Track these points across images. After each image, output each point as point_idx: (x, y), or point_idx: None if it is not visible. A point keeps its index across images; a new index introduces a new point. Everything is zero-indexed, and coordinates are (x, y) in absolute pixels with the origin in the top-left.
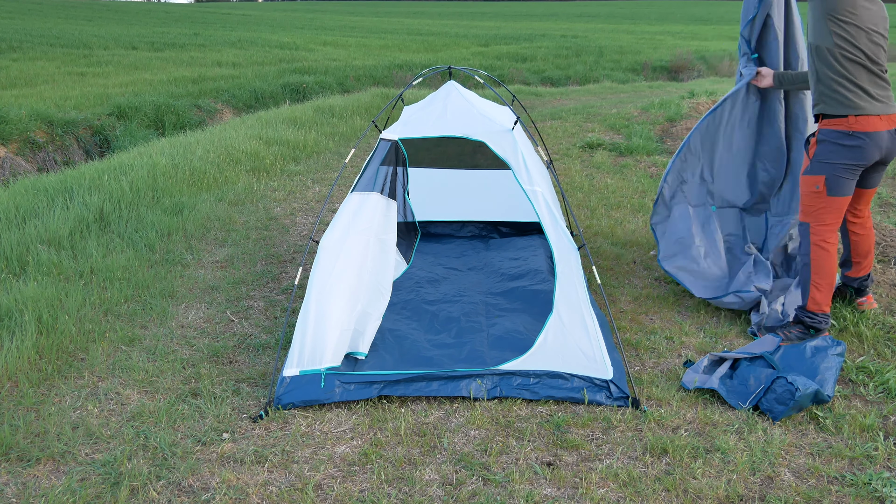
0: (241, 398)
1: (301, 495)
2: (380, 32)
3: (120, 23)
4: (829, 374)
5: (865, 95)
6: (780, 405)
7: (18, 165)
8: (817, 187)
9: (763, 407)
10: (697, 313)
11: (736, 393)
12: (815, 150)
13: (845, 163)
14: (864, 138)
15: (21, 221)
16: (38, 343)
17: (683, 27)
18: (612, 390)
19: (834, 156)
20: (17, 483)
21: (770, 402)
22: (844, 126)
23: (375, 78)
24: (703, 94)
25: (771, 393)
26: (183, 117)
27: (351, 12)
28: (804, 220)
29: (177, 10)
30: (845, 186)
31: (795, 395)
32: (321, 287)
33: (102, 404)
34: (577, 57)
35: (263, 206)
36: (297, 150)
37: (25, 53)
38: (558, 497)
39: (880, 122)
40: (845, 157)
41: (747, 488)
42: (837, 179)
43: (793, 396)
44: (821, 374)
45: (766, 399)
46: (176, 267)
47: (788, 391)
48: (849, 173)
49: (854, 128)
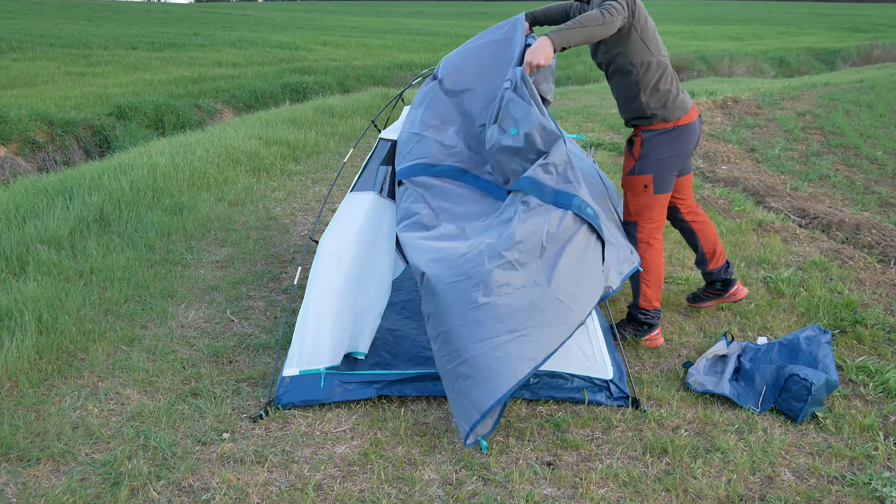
0: (241, 398)
1: (301, 495)
2: (380, 32)
3: (120, 23)
4: (829, 360)
5: (683, 90)
6: (799, 402)
7: (18, 165)
8: (645, 186)
9: (782, 408)
10: (697, 313)
11: (746, 395)
12: (639, 149)
13: (673, 154)
14: (686, 128)
15: (21, 221)
16: (38, 343)
17: (683, 27)
18: (613, 390)
19: (661, 152)
20: (17, 483)
21: (787, 402)
22: (671, 123)
23: (375, 78)
24: (703, 94)
25: (786, 392)
26: (183, 117)
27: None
28: (631, 219)
29: (177, 10)
30: (670, 181)
31: (812, 390)
32: (321, 287)
33: (102, 404)
34: (576, 57)
35: (263, 206)
36: (297, 150)
37: (25, 53)
38: (558, 497)
39: (693, 110)
40: (672, 150)
41: (747, 488)
42: (664, 175)
43: (809, 391)
44: (821, 361)
45: (783, 399)
46: (176, 267)
47: (804, 387)
48: (675, 166)
49: (678, 122)
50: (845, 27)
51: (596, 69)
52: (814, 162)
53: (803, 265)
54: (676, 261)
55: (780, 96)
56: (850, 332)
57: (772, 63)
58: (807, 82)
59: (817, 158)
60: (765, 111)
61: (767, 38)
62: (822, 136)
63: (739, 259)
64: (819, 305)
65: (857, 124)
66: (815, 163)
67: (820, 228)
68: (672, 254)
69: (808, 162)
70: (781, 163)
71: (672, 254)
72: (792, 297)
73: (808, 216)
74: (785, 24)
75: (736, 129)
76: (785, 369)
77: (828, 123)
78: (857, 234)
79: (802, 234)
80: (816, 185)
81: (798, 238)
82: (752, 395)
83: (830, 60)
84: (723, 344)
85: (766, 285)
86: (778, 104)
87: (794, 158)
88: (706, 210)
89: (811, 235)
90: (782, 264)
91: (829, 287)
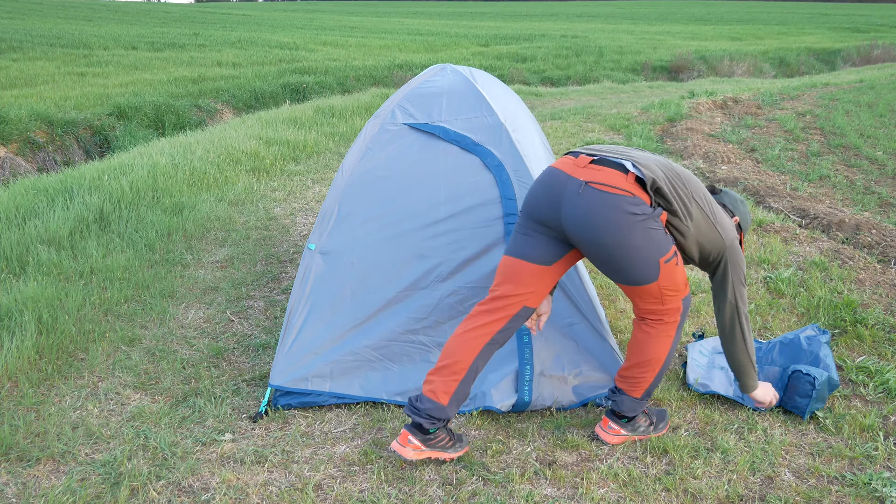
0: (241, 398)
1: (301, 495)
2: (380, 32)
3: (120, 23)
4: (830, 360)
5: None
6: (803, 398)
7: (18, 165)
8: None
9: (787, 406)
10: (697, 313)
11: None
12: None
13: None
14: None
15: (21, 221)
16: (38, 343)
17: (683, 27)
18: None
19: None
20: (17, 483)
21: (792, 398)
22: None
23: (375, 78)
24: (703, 94)
25: (790, 389)
26: (183, 117)
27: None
28: None
29: (177, 10)
30: (513, 241)
31: (816, 384)
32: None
33: (102, 404)
34: (577, 57)
35: (263, 206)
36: (297, 150)
37: (25, 53)
38: (558, 497)
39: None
40: None
41: (747, 488)
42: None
43: (814, 386)
44: (822, 361)
45: (788, 396)
46: (176, 267)
47: (808, 382)
48: (518, 224)
49: None
50: (845, 27)
51: (596, 69)
52: (814, 162)
53: (803, 265)
54: None
55: (780, 96)
56: (850, 332)
57: (772, 63)
58: (807, 82)
59: (817, 158)
60: (765, 111)
61: (767, 38)
62: (822, 137)
63: None
64: (819, 305)
65: (857, 124)
66: (815, 163)
67: (820, 228)
68: None
69: (808, 162)
70: (781, 163)
71: None
72: (792, 297)
73: (808, 216)
74: (785, 24)
75: (736, 129)
76: (788, 368)
77: (828, 123)
78: (857, 234)
79: (802, 234)
80: (816, 185)
81: (798, 238)
82: None
83: (830, 60)
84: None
85: (766, 285)
86: (778, 104)
87: (794, 158)
88: None
89: (811, 235)
90: (782, 264)
91: (829, 287)
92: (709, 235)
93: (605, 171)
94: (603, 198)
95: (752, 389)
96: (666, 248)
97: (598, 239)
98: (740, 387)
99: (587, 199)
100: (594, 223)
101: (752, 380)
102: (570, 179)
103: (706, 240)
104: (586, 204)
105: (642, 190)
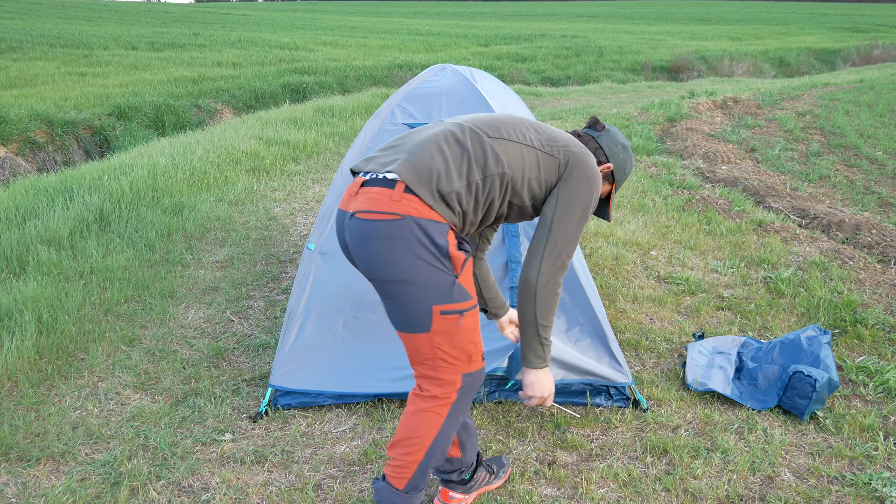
0: (241, 398)
1: (301, 495)
2: (380, 32)
3: (120, 23)
4: (830, 361)
5: None
6: (804, 399)
7: (18, 165)
8: None
9: (786, 406)
10: (698, 313)
11: (750, 396)
12: None
13: None
14: None
15: (21, 221)
16: (38, 343)
17: (683, 27)
18: (612, 392)
19: None
20: (17, 483)
21: (792, 399)
22: None
23: (375, 78)
24: (703, 94)
25: (791, 390)
26: (183, 117)
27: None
28: None
29: (177, 10)
30: None
31: (816, 386)
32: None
33: (102, 404)
34: (577, 57)
35: (263, 206)
36: (297, 150)
37: (25, 53)
38: (558, 497)
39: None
40: None
41: (747, 488)
42: None
43: (814, 388)
44: (823, 361)
45: (788, 397)
46: (176, 267)
47: (808, 384)
48: None
49: None
50: (845, 27)
51: (596, 69)
52: (814, 162)
53: (803, 265)
54: (676, 261)
55: (780, 96)
56: (850, 332)
57: (772, 63)
58: (807, 82)
59: (817, 158)
60: (765, 111)
61: (767, 38)
62: (822, 137)
63: (739, 259)
64: (819, 305)
65: (857, 124)
66: (815, 163)
67: (820, 228)
68: (672, 254)
69: (808, 162)
70: (781, 163)
71: (672, 254)
72: (792, 297)
73: (808, 216)
74: (785, 24)
75: (736, 129)
76: (789, 368)
77: (828, 123)
78: (857, 234)
79: (802, 234)
80: (816, 185)
81: (798, 238)
82: (755, 394)
83: (830, 60)
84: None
85: (766, 285)
86: (778, 104)
87: (794, 158)
88: (706, 210)
89: (811, 235)
90: (782, 264)
91: (829, 287)
92: (541, 175)
93: (370, 194)
94: (362, 228)
95: (530, 364)
96: (445, 295)
97: (372, 276)
98: (521, 358)
99: (352, 233)
100: (362, 260)
101: (536, 356)
102: (343, 216)
103: (536, 181)
104: (352, 239)
105: (430, 197)
